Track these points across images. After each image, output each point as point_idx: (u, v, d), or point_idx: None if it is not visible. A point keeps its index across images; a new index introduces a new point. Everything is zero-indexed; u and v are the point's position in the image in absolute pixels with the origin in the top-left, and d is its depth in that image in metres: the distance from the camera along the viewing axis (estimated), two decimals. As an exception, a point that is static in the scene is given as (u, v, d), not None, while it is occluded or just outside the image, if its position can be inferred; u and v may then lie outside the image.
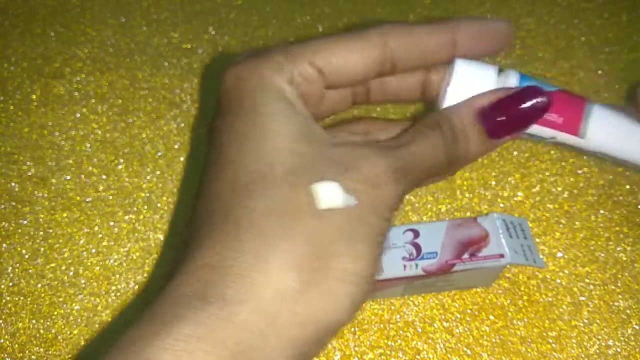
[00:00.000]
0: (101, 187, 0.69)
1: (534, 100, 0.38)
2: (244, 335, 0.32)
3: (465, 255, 0.58)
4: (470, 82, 0.40)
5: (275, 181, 0.35)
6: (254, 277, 0.32)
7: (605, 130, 0.40)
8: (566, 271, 0.65)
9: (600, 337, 0.62)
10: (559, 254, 0.66)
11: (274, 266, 0.33)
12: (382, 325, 0.62)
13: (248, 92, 0.37)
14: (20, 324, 0.62)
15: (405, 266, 0.58)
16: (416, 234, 0.59)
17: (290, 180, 0.35)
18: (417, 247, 0.59)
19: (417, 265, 0.58)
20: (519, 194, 0.69)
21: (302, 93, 0.38)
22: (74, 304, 0.63)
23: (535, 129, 0.40)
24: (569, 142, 0.40)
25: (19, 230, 0.66)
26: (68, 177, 0.69)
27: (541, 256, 0.64)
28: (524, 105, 0.38)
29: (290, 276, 0.33)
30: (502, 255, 0.58)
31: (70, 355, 0.61)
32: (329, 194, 0.34)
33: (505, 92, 0.39)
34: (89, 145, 0.72)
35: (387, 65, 0.39)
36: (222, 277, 0.33)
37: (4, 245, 0.65)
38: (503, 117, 0.38)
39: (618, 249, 0.66)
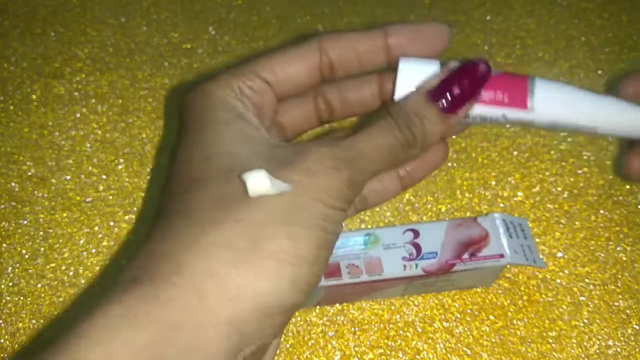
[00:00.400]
0: (101, 187, 0.69)
1: (475, 69, 0.40)
2: (174, 312, 0.32)
3: (465, 255, 0.58)
4: (415, 75, 0.42)
5: (212, 178, 0.36)
6: (181, 258, 0.33)
7: (552, 99, 0.41)
8: (566, 271, 0.65)
9: (600, 337, 0.62)
10: (559, 254, 0.66)
11: (202, 247, 0.34)
12: (382, 325, 0.62)
13: (195, 111, 0.39)
14: (20, 324, 0.62)
15: (405, 266, 0.58)
16: (416, 234, 0.59)
17: (225, 177, 0.36)
18: (417, 247, 0.59)
19: (417, 265, 0.58)
20: (519, 194, 0.69)
21: (254, 104, 0.41)
22: (74, 304, 0.63)
23: (484, 110, 0.41)
24: (520, 119, 0.41)
25: (19, 230, 0.66)
26: (68, 177, 0.69)
27: (541, 256, 0.64)
28: (467, 76, 0.40)
29: (219, 255, 0.34)
30: (502, 255, 0.58)
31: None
32: (257, 181, 0.35)
33: (448, 70, 0.41)
34: (89, 145, 0.72)
35: (326, 71, 0.42)
36: (152, 260, 0.34)
37: (4, 245, 0.65)
38: (452, 91, 0.40)
39: (618, 249, 0.66)
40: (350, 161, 0.38)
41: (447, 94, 0.40)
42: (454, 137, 0.72)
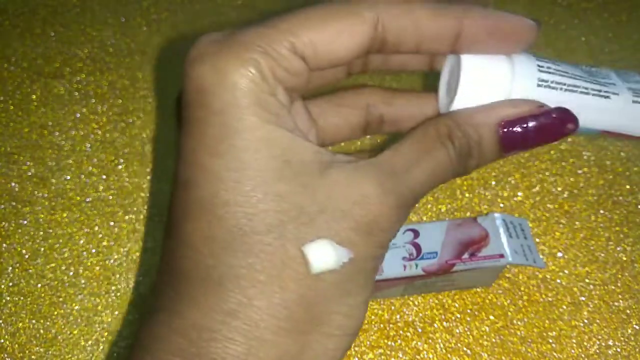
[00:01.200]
0: (101, 187, 0.69)
1: (564, 126, 0.35)
2: None
3: (465, 255, 0.58)
4: (482, 79, 0.36)
5: (259, 237, 0.31)
6: (250, 344, 0.31)
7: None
8: (566, 271, 0.65)
9: (600, 337, 0.62)
10: (559, 254, 0.66)
11: (268, 332, 0.31)
12: (382, 325, 0.62)
13: (217, 114, 0.31)
14: (20, 324, 0.62)
15: (405, 266, 0.58)
16: (416, 234, 0.59)
17: (274, 235, 0.31)
18: (417, 247, 0.58)
19: (417, 265, 0.58)
20: (519, 194, 0.69)
21: (288, 91, 0.33)
22: (74, 304, 0.63)
23: None
24: None
25: (19, 230, 0.66)
26: (68, 177, 0.69)
27: (541, 256, 0.64)
28: (551, 126, 0.35)
29: (284, 341, 0.31)
30: (502, 255, 0.58)
31: (70, 355, 0.61)
32: (321, 257, 0.31)
33: (537, 108, 0.35)
34: (89, 145, 0.72)
35: (375, 46, 0.34)
36: (215, 342, 0.31)
37: (4, 245, 0.65)
38: (526, 132, 0.34)
39: (618, 249, 0.67)
40: (407, 205, 0.33)
41: (519, 131, 0.34)
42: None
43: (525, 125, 0.34)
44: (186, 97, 0.32)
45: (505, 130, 0.34)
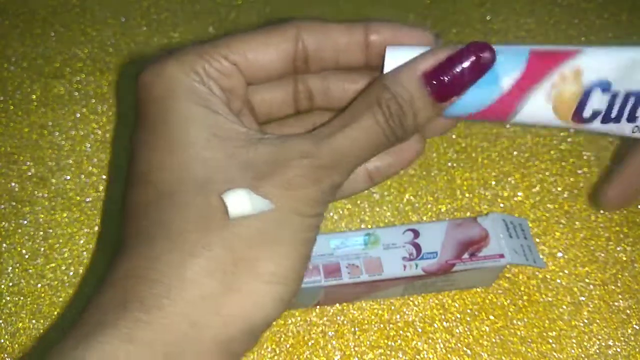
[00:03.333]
0: (101, 187, 0.70)
1: (481, 56, 0.37)
2: (169, 338, 0.32)
3: (466, 255, 0.58)
4: (406, 57, 0.38)
5: (187, 194, 0.35)
6: (172, 283, 0.33)
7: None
8: (566, 271, 0.65)
9: (600, 337, 0.62)
10: (559, 254, 0.66)
11: (191, 273, 0.33)
12: (382, 325, 0.62)
13: (157, 101, 0.37)
14: (20, 324, 0.62)
15: (405, 266, 0.58)
16: (416, 234, 0.60)
17: (201, 192, 0.35)
18: (417, 247, 0.59)
19: (417, 265, 0.58)
20: (519, 194, 0.70)
21: (223, 88, 0.38)
22: (74, 304, 0.63)
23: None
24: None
25: (19, 230, 0.66)
26: (68, 177, 0.70)
27: (541, 256, 0.65)
28: (469, 61, 0.37)
29: (208, 281, 0.33)
30: (502, 256, 0.58)
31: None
32: (238, 203, 0.34)
33: (448, 50, 0.37)
34: (89, 145, 0.72)
35: (300, 61, 0.40)
36: (141, 284, 0.33)
37: (4, 245, 0.66)
38: (450, 77, 0.37)
39: (618, 249, 0.67)
40: (333, 167, 0.37)
41: (444, 77, 0.37)
42: (453, 136, 0.72)
43: (447, 69, 0.37)
44: (138, 95, 0.38)
45: (431, 79, 0.37)
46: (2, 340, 0.61)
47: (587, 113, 0.40)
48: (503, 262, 0.58)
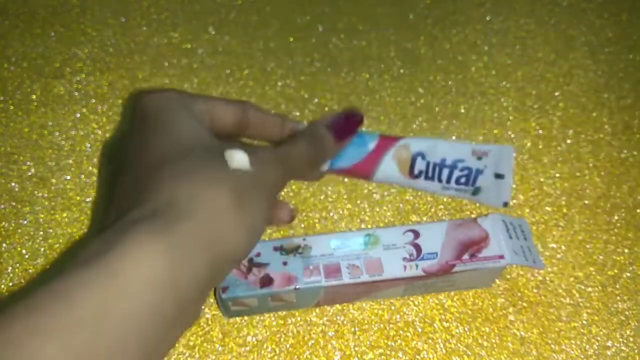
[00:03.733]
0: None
1: (355, 118, 0.60)
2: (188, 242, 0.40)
3: (466, 256, 0.59)
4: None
5: (198, 153, 0.45)
6: (191, 204, 0.41)
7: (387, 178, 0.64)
8: (565, 273, 0.65)
9: (599, 338, 0.62)
10: (558, 256, 0.66)
11: (207, 197, 0.42)
12: (382, 325, 0.62)
13: (167, 110, 0.48)
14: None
15: (405, 267, 0.58)
16: (416, 234, 0.60)
17: (208, 152, 0.45)
18: (418, 248, 0.59)
19: (417, 266, 0.58)
20: (519, 196, 0.70)
21: (201, 114, 0.51)
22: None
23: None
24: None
25: (19, 230, 0.66)
26: (68, 177, 0.70)
27: (540, 258, 0.65)
28: (350, 120, 0.60)
29: (223, 201, 0.42)
30: (502, 256, 0.58)
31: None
32: (240, 158, 0.45)
33: (339, 115, 0.59)
34: (89, 145, 0.72)
35: (243, 126, 0.55)
36: (165, 206, 0.41)
37: (4, 245, 0.66)
38: (341, 126, 0.58)
39: (617, 251, 0.67)
40: (284, 160, 0.51)
41: (338, 128, 0.58)
42: (453, 138, 0.72)
43: (338, 123, 0.58)
44: (146, 103, 0.49)
45: (332, 128, 0.57)
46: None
47: (416, 171, 0.63)
48: (503, 262, 0.58)
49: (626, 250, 0.67)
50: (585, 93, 0.77)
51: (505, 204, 0.61)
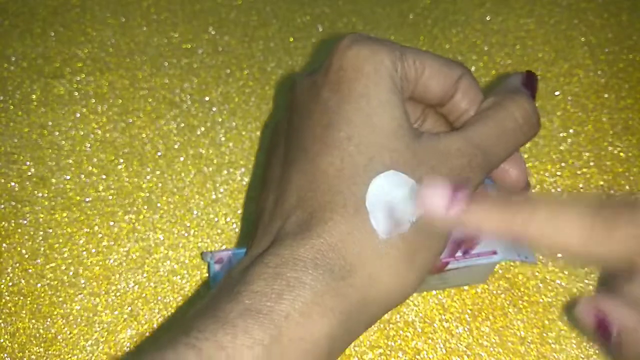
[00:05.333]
0: (101, 187, 0.70)
1: (534, 75, 0.50)
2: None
3: (459, 253, 0.58)
4: None
5: (376, 172, 0.41)
6: (360, 254, 0.40)
7: None
8: (566, 272, 0.65)
9: (599, 337, 0.62)
10: (559, 254, 0.66)
11: (379, 249, 0.40)
12: (381, 325, 0.63)
13: (364, 75, 0.43)
14: (20, 324, 0.62)
15: (402, 266, 0.58)
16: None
17: (402, 164, 0.42)
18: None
19: (413, 265, 0.58)
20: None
21: (404, 89, 0.45)
22: (73, 304, 0.63)
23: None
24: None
25: (19, 230, 0.66)
26: (68, 177, 0.70)
27: (540, 256, 0.65)
28: (532, 76, 0.50)
29: (393, 255, 0.41)
30: (494, 252, 0.58)
31: (70, 355, 0.61)
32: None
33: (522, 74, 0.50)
34: (89, 145, 0.72)
35: (446, 99, 0.47)
36: (330, 251, 0.40)
37: (4, 245, 0.66)
38: (532, 82, 0.49)
39: (618, 249, 0.66)
40: (484, 156, 0.44)
41: (529, 83, 0.49)
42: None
43: (526, 76, 0.50)
44: (343, 60, 0.43)
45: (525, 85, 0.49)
46: (2, 340, 0.62)
47: None
48: (496, 258, 0.58)
49: (627, 249, 0.66)
50: (585, 93, 0.77)
51: None
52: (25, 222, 0.67)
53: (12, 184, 0.69)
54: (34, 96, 0.75)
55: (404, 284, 0.41)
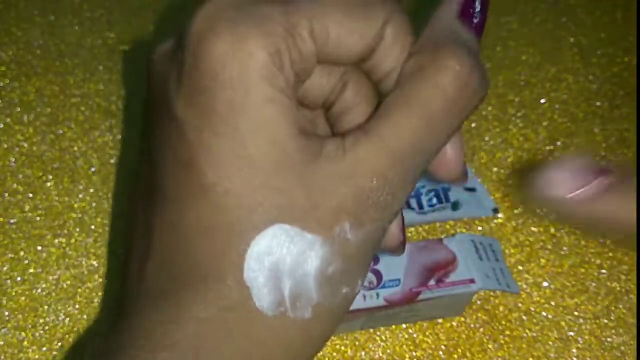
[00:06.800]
0: (27, 207, 0.69)
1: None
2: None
3: (432, 282, 0.58)
4: None
5: (257, 234, 0.35)
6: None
7: None
8: (553, 303, 0.65)
9: (590, 376, 0.62)
10: (545, 284, 0.66)
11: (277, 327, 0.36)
12: (344, 364, 0.62)
13: (226, 85, 0.33)
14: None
15: (365, 296, 0.57)
16: (376, 259, 0.59)
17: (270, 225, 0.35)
18: (378, 275, 0.58)
19: (378, 295, 0.58)
20: (500, 215, 0.69)
21: (295, 73, 0.35)
22: (-6, 339, 0.63)
23: None
24: None
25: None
26: (-11, 196, 0.69)
27: (524, 285, 0.65)
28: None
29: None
30: (472, 280, 0.58)
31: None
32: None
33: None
34: (13, 159, 0.72)
35: (368, 54, 0.38)
36: (210, 340, 0.35)
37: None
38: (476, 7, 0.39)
39: (611, 277, 0.66)
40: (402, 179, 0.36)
41: (467, 13, 0.39)
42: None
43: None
44: (193, 62, 0.34)
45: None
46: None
47: None
48: (474, 287, 0.58)
49: (622, 277, 0.66)
50: (574, 100, 0.77)
51: (496, 210, 0.61)
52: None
53: None
54: (-50, 104, 0.74)
55: (302, 357, 0.37)
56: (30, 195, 0.70)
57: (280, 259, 0.35)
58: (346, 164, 0.35)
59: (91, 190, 0.70)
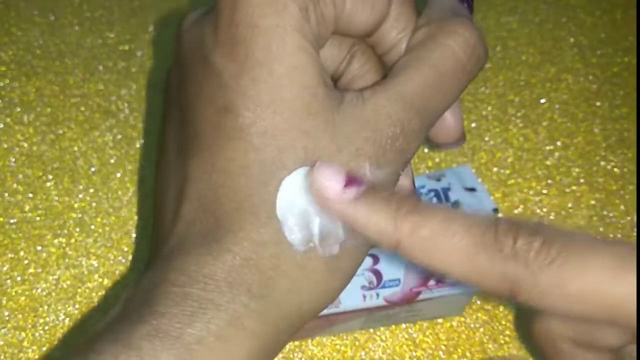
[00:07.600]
0: (27, 207, 0.70)
1: None
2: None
3: (432, 282, 0.58)
4: None
5: (287, 169, 0.39)
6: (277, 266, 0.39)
7: None
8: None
9: (588, 376, 0.62)
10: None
11: (302, 260, 0.40)
12: (343, 363, 0.63)
13: (263, 33, 0.38)
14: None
15: (364, 296, 0.58)
16: (376, 259, 0.59)
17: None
18: (378, 275, 0.59)
19: (378, 295, 0.58)
20: (500, 216, 0.69)
21: (316, 35, 0.40)
22: (-6, 340, 0.63)
23: None
24: None
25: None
26: (-11, 196, 0.70)
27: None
28: None
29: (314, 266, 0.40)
30: (472, 280, 0.58)
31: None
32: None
33: None
34: (13, 159, 0.72)
35: (377, 26, 0.44)
36: (246, 269, 0.38)
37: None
38: None
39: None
40: (417, 115, 0.41)
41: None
42: (425, 150, 0.73)
43: None
44: (231, 16, 0.39)
45: None
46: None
47: None
48: (474, 287, 0.58)
49: (620, 278, 0.67)
50: (574, 100, 0.77)
51: (496, 210, 0.61)
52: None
53: None
54: (-50, 105, 0.75)
55: (326, 294, 0.41)
56: (30, 195, 0.70)
57: (308, 200, 0.39)
58: (366, 111, 0.40)
59: (91, 190, 0.70)
